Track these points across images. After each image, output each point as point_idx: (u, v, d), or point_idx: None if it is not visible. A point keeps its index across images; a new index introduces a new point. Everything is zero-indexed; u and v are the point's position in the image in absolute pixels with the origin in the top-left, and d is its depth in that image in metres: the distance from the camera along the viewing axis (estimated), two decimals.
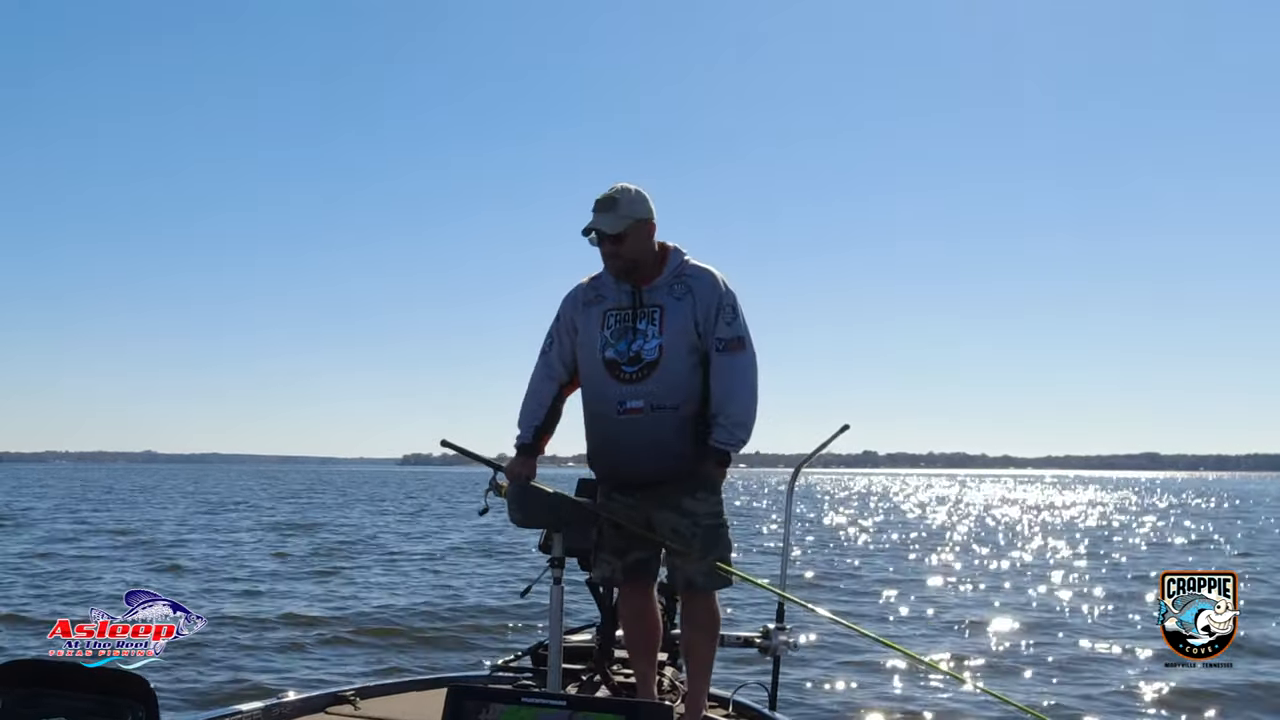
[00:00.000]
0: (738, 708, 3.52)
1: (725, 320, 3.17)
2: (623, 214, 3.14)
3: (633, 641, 3.41)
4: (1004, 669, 8.37)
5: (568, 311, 3.34)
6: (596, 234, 3.16)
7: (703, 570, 3.19)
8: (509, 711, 1.87)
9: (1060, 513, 37.63)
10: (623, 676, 3.69)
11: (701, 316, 3.16)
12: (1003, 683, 7.70)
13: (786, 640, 3.94)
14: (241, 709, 3.05)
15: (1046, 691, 7.57)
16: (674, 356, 3.14)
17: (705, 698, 3.34)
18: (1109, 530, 27.33)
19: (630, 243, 3.16)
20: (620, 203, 3.15)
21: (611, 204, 3.15)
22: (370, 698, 3.53)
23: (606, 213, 3.15)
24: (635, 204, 3.17)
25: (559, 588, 3.20)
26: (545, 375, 3.36)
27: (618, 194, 3.16)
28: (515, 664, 3.95)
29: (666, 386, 3.13)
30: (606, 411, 3.18)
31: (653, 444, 3.13)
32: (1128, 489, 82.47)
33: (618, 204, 3.15)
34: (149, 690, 1.91)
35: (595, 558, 3.31)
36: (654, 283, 3.21)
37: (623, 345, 3.17)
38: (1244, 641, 8.75)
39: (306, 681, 7.28)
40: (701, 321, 3.17)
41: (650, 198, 3.22)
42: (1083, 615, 11.32)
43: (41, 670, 1.94)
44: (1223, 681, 7.45)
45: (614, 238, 3.14)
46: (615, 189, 3.18)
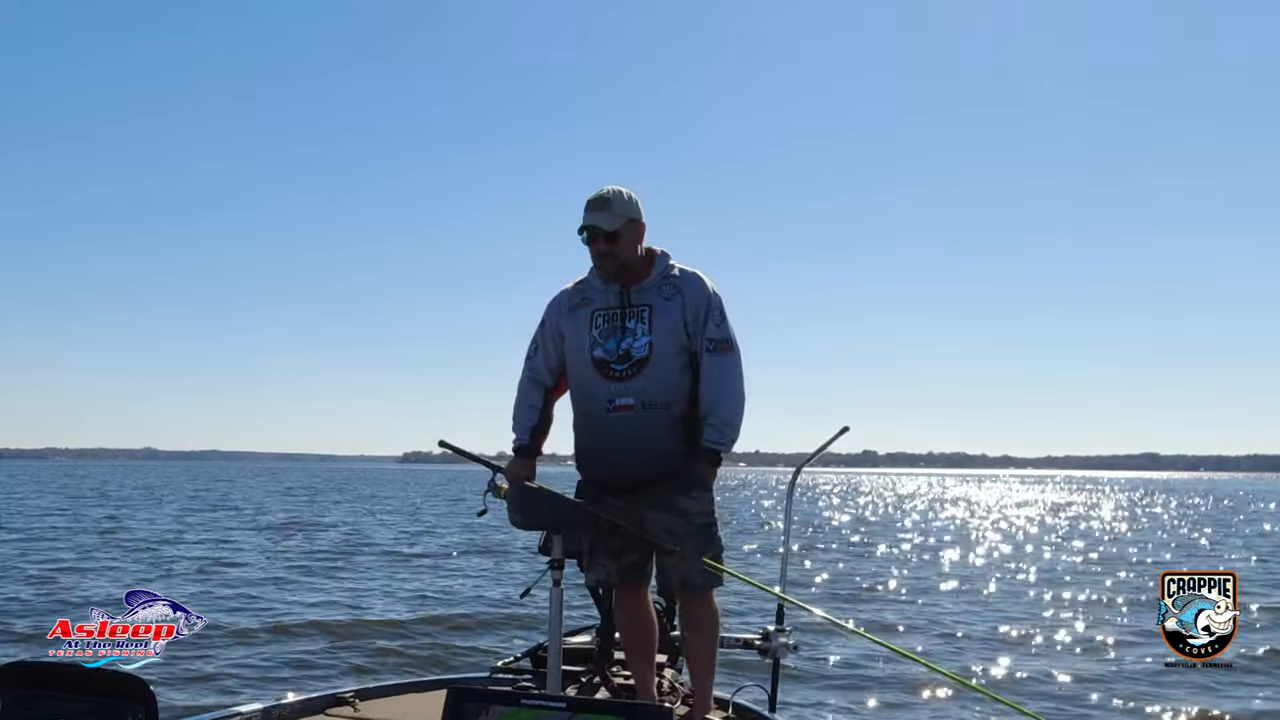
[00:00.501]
0: (737, 710, 3.52)
1: (715, 322, 3.21)
2: (617, 213, 3.18)
3: (630, 643, 3.42)
4: (1004, 667, 8.37)
5: (552, 317, 3.35)
6: (590, 232, 3.17)
7: (698, 569, 3.20)
8: (509, 713, 1.87)
9: (1063, 511, 37.66)
10: (622, 678, 3.69)
11: (690, 317, 3.19)
12: (1001, 683, 7.71)
13: (786, 642, 3.95)
14: (241, 710, 3.04)
15: (1042, 693, 7.58)
16: (664, 355, 3.16)
17: (711, 698, 3.35)
18: (1109, 530, 27.35)
19: (624, 242, 3.19)
20: (614, 202, 3.18)
21: (605, 203, 3.18)
22: (370, 699, 3.52)
23: (602, 211, 3.17)
24: (628, 204, 3.21)
25: (558, 589, 3.20)
26: (531, 380, 3.38)
27: (610, 194, 3.19)
28: (515, 666, 3.95)
29: (656, 384, 3.14)
30: (595, 410, 3.19)
31: (643, 441, 3.14)
32: (1128, 489, 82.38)
33: (611, 203, 3.18)
34: (148, 692, 1.91)
35: (590, 560, 3.31)
36: (642, 284, 3.23)
37: (611, 344, 3.18)
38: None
39: (305, 683, 7.28)
40: (691, 322, 3.19)
41: (639, 201, 3.25)
42: (1083, 615, 11.32)
43: (41, 672, 1.94)
44: (1222, 680, 7.45)
45: (609, 235, 3.16)
46: (607, 190, 3.20)
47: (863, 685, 7.60)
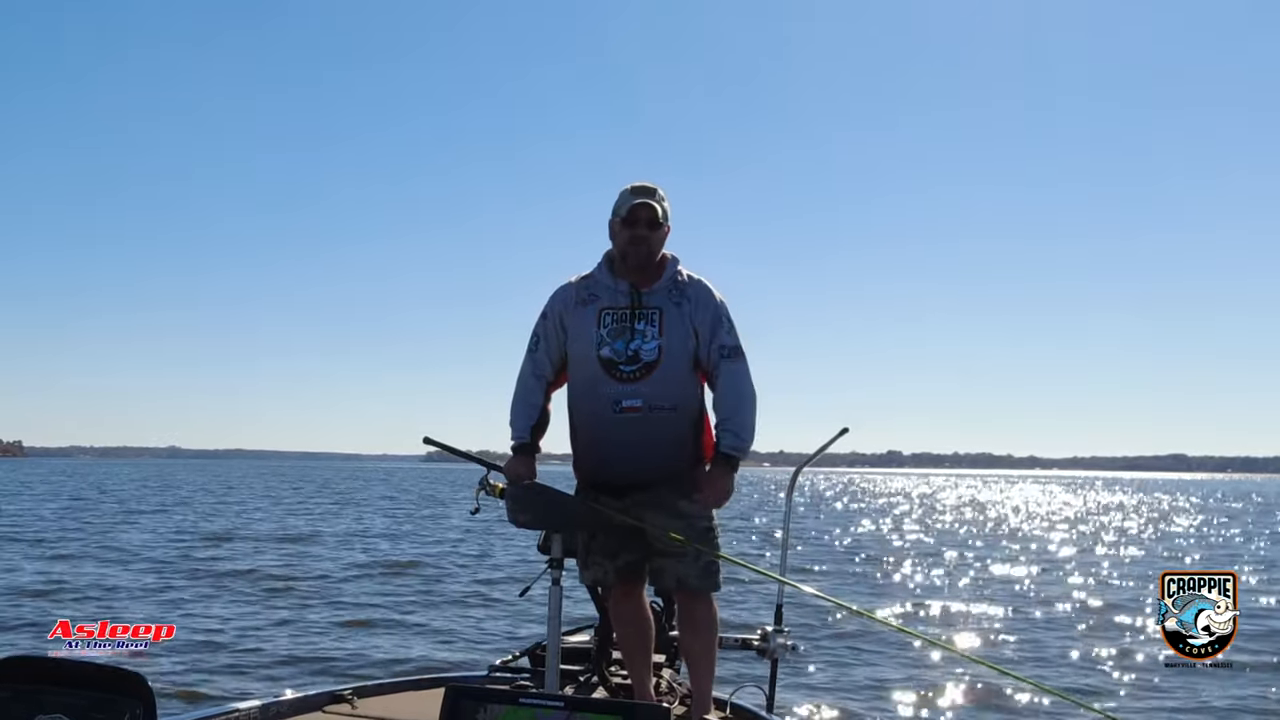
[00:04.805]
0: (735, 710, 3.51)
1: (725, 329, 3.21)
2: (662, 204, 3.20)
3: (626, 643, 3.41)
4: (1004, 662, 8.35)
5: (556, 309, 3.31)
6: (637, 214, 3.16)
7: (696, 571, 3.19)
8: (506, 712, 1.87)
9: (1096, 516, 37.63)
10: (620, 677, 3.68)
11: (700, 324, 3.19)
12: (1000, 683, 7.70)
13: (785, 643, 3.94)
14: (239, 707, 3.04)
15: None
16: (673, 359, 3.15)
17: (709, 698, 3.34)
18: (1136, 532, 27.33)
19: (659, 235, 3.21)
20: (658, 194, 3.21)
21: (653, 193, 3.20)
22: (367, 697, 3.52)
23: (650, 199, 3.18)
24: (666, 202, 3.24)
25: (557, 588, 3.19)
26: (534, 374, 3.33)
27: (656, 187, 3.21)
28: (513, 664, 3.95)
29: (664, 388, 3.14)
30: (601, 409, 3.17)
31: (649, 443, 3.13)
32: (1156, 491, 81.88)
33: (657, 194, 3.20)
34: (147, 688, 1.92)
35: (587, 560, 3.31)
36: (653, 286, 3.22)
37: (620, 344, 3.16)
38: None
39: (303, 680, 7.28)
40: (700, 329, 3.19)
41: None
42: (1086, 616, 11.32)
43: (42, 667, 1.94)
44: (1223, 681, 7.45)
45: (655, 221, 3.17)
46: (650, 183, 3.22)
47: (862, 684, 7.60)
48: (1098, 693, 7.49)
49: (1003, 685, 7.39)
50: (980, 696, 7.30)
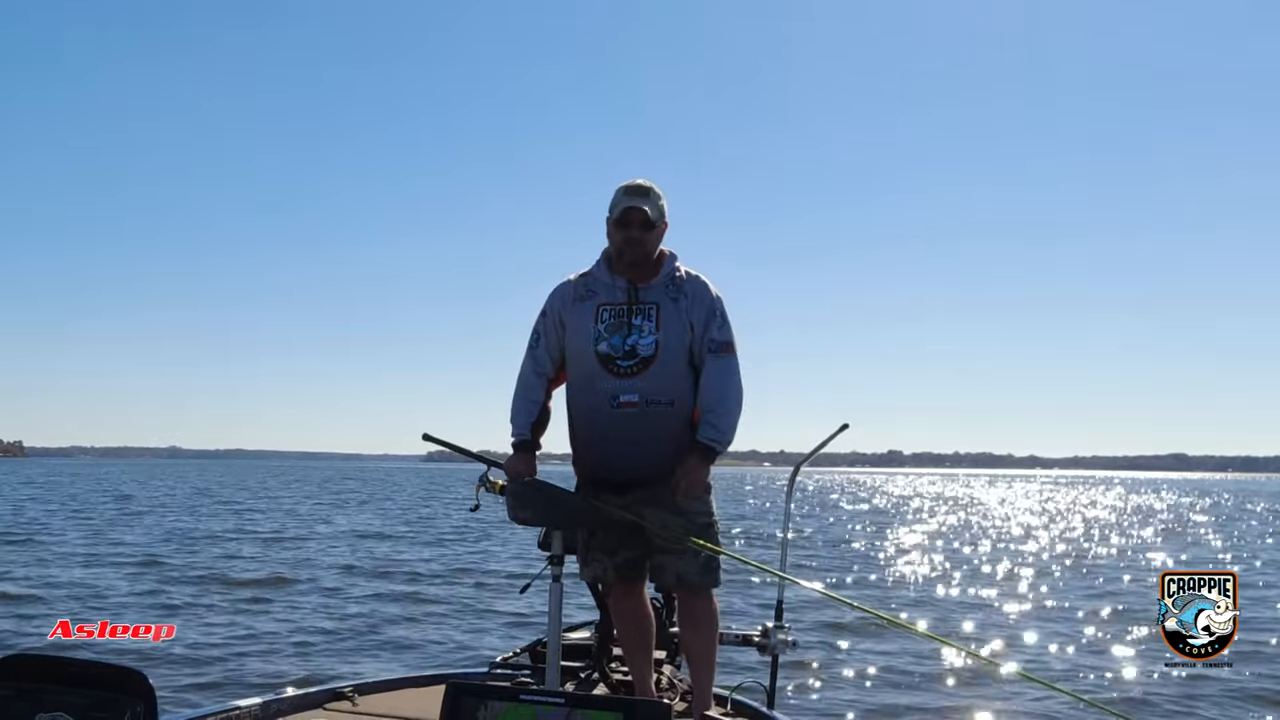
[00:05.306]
0: (736, 706, 3.52)
1: (717, 324, 3.22)
2: (656, 204, 3.20)
3: (627, 640, 3.42)
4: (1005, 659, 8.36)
5: (555, 306, 3.33)
6: (631, 215, 3.16)
7: (696, 568, 3.20)
8: (507, 709, 1.86)
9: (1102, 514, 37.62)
10: (621, 674, 3.69)
11: (696, 319, 3.20)
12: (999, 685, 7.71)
13: (785, 639, 3.95)
14: (240, 705, 3.04)
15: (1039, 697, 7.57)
16: (670, 354, 3.16)
17: (710, 695, 3.35)
18: (1135, 533, 27.34)
19: (655, 234, 3.21)
20: (654, 193, 3.21)
21: (647, 192, 3.20)
22: (368, 694, 3.52)
23: (645, 198, 3.18)
24: (662, 200, 3.24)
25: (558, 585, 3.19)
26: (534, 371, 3.34)
27: (651, 186, 3.22)
28: (514, 661, 3.95)
29: (661, 383, 3.14)
30: (599, 405, 3.17)
31: (647, 439, 3.14)
32: (1156, 490, 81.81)
33: (652, 194, 3.20)
34: (148, 686, 1.91)
35: (587, 557, 3.31)
36: (650, 282, 3.23)
37: (617, 340, 3.17)
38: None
39: (304, 677, 7.27)
40: (696, 324, 3.20)
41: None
42: (1086, 616, 11.32)
43: (44, 665, 1.94)
44: (1223, 681, 7.45)
45: (647, 223, 3.17)
46: (647, 181, 3.22)
47: (863, 680, 7.61)
48: (1097, 692, 7.50)
49: (1002, 681, 7.41)
50: (980, 691, 7.30)
